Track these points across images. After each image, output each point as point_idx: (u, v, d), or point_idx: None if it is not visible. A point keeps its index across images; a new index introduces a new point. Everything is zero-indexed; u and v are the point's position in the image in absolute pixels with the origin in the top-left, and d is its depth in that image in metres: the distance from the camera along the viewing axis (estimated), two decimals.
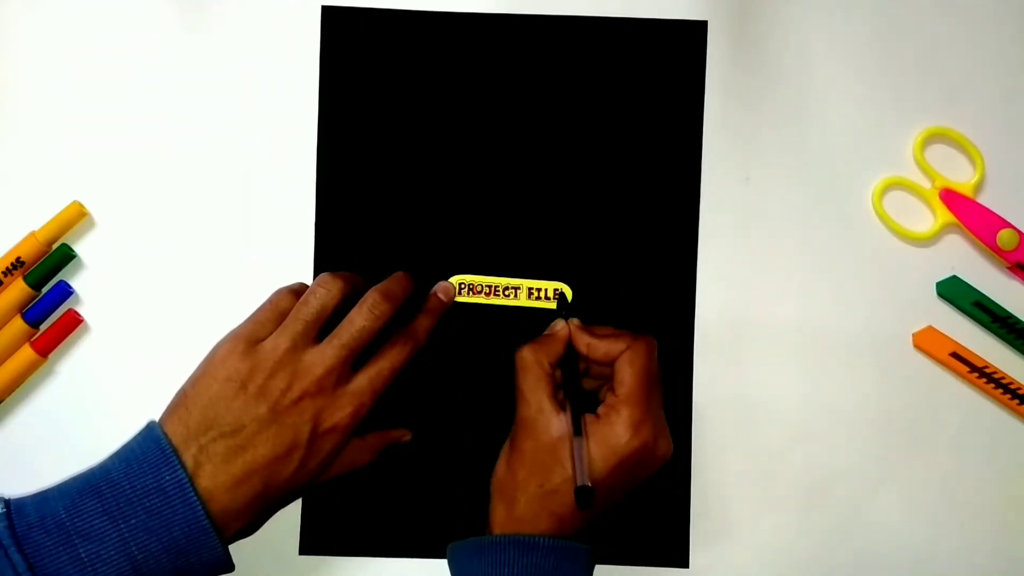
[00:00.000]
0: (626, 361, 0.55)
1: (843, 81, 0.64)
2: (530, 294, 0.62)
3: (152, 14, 0.63)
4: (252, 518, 0.53)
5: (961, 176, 0.63)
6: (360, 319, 0.55)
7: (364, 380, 0.55)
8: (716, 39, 0.63)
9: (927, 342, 0.63)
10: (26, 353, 0.61)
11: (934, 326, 0.63)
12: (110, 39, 0.63)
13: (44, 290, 0.62)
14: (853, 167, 0.63)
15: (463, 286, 0.62)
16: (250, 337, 0.55)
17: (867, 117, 0.64)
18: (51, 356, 0.63)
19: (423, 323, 0.59)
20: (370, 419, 0.56)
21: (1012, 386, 0.63)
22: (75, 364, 0.63)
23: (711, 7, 0.63)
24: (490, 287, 0.62)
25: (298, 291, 0.57)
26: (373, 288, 0.57)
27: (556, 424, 0.54)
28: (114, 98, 0.63)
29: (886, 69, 0.64)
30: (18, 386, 0.62)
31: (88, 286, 0.63)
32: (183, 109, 0.63)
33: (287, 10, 0.63)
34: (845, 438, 0.63)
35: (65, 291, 0.62)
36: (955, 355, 0.63)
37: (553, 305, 0.61)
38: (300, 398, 0.53)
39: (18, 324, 0.61)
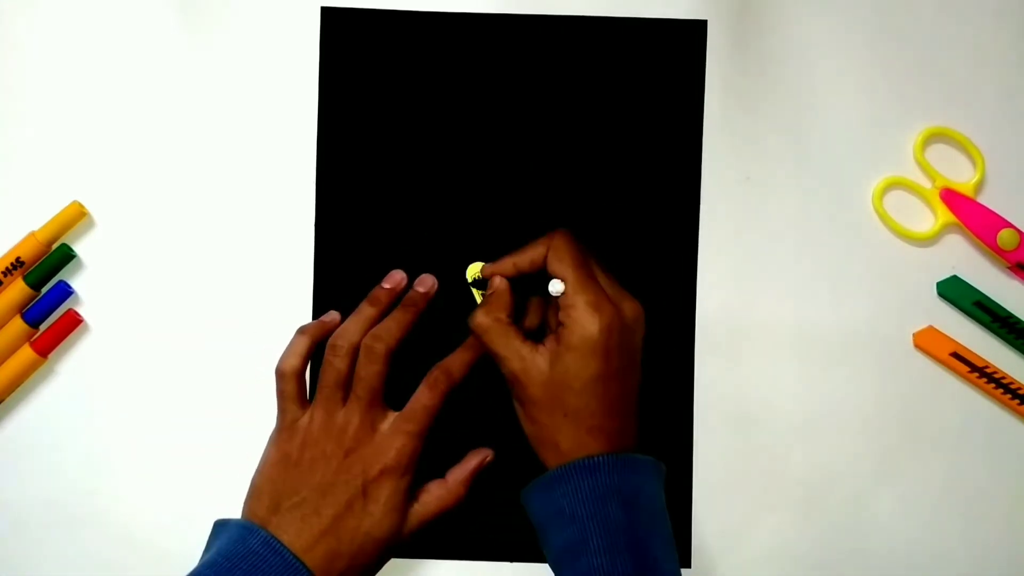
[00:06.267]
0: (555, 259, 0.56)
1: (843, 81, 0.64)
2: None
3: (152, 14, 0.63)
4: (340, 573, 0.55)
5: (961, 176, 0.63)
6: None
7: (399, 419, 0.57)
8: (716, 39, 0.63)
9: (927, 342, 0.63)
10: (26, 353, 0.62)
11: (934, 326, 0.63)
12: (110, 39, 0.63)
13: (44, 290, 0.62)
14: (853, 167, 0.63)
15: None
16: (288, 421, 0.58)
17: (867, 117, 0.64)
18: (51, 356, 0.63)
19: (456, 358, 0.59)
20: None
21: (1012, 386, 0.63)
22: (75, 364, 0.63)
23: (711, 7, 0.63)
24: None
25: (289, 367, 0.59)
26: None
27: (540, 359, 0.55)
28: (114, 98, 0.63)
29: (886, 69, 0.64)
30: (18, 386, 0.62)
31: (88, 286, 0.63)
32: (183, 109, 0.63)
33: (287, 11, 0.63)
34: (845, 438, 0.63)
35: (65, 291, 0.62)
36: (955, 355, 0.63)
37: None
38: (345, 455, 0.56)
39: (18, 324, 0.62)
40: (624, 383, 0.56)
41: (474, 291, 0.61)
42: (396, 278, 0.61)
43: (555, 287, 0.56)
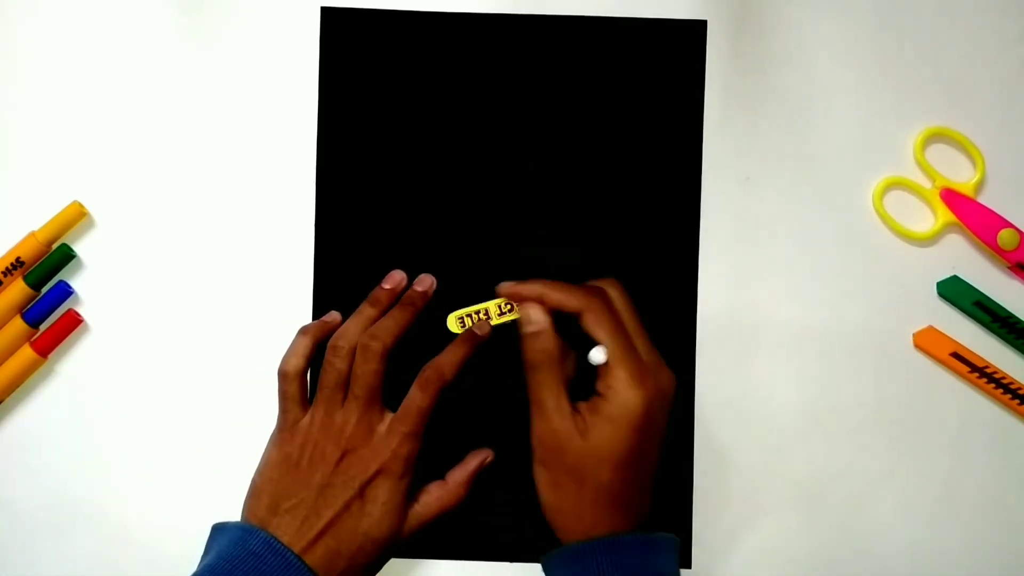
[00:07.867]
0: (593, 324, 0.55)
1: (843, 81, 0.64)
2: (500, 311, 0.58)
3: (151, 15, 0.63)
4: (340, 573, 0.55)
5: (962, 176, 0.63)
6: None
7: (394, 420, 0.57)
8: (716, 39, 0.63)
9: (927, 342, 0.63)
10: (26, 353, 0.62)
11: (934, 326, 0.63)
12: (110, 39, 0.63)
13: (44, 290, 0.62)
14: (853, 167, 0.63)
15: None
16: (290, 422, 0.58)
17: (867, 117, 0.64)
18: (51, 356, 0.63)
19: (447, 357, 0.58)
20: None
21: (1012, 386, 0.63)
22: (75, 364, 0.63)
23: (711, 7, 0.63)
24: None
25: (291, 367, 0.59)
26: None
27: (579, 425, 0.54)
28: (114, 98, 0.63)
29: (886, 69, 0.64)
30: (18, 386, 0.62)
31: (88, 286, 0.63)
32: (183, 109, 0.63)
33: (286, 11, 0.63)
34: (845, 437, 0.63)
35: (65, 291, 0.62)
36: (955, 355, 0.62)
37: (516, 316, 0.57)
38: (343, 456, 0.56)
39: (18, 324, 0.62)
40: (653, 456, 0.55)
41: (454, 323, 0.59)
42: (396, 278, 0.61)
43: (597, 356, 0.54)
